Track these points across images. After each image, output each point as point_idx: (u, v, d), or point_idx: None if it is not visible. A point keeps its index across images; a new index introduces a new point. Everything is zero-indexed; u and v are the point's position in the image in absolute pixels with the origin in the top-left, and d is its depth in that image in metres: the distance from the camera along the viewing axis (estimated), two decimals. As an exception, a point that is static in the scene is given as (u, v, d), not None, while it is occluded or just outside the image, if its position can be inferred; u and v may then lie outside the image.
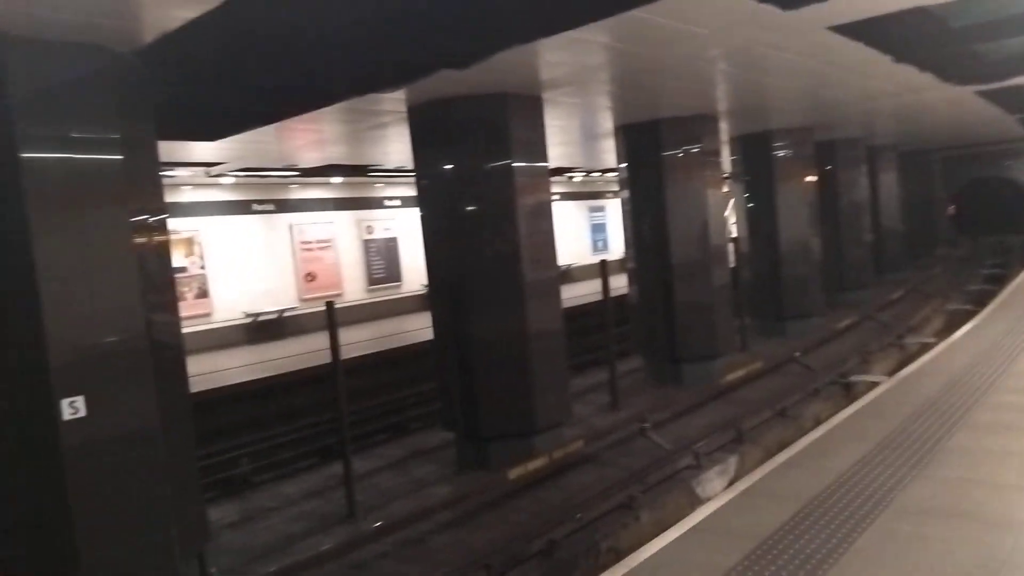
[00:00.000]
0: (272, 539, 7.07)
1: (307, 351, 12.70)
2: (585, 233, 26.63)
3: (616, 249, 23.33)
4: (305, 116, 8.58)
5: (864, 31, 7.24)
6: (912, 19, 6.96)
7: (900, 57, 8.82)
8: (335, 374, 7.37)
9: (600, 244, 26.90)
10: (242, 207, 15.89)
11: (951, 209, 34.09)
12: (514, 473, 7.27)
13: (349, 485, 7.41)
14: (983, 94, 13.09)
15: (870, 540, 3.91)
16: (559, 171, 21.15)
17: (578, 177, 23.96)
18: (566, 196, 25.29)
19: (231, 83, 6.63)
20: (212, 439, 10.27)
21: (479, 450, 8.38)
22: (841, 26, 6.94)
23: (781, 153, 14.97)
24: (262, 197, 16.25)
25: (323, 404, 10.97)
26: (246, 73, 6.46)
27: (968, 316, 12.34)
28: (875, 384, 8.73)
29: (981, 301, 15.05)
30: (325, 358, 7.56)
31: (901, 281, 20.19)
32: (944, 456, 5.06)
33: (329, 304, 7.26)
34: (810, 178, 15.47)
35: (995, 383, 6.84)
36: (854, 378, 11.12)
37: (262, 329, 15.51)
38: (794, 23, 6.43)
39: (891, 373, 9.83)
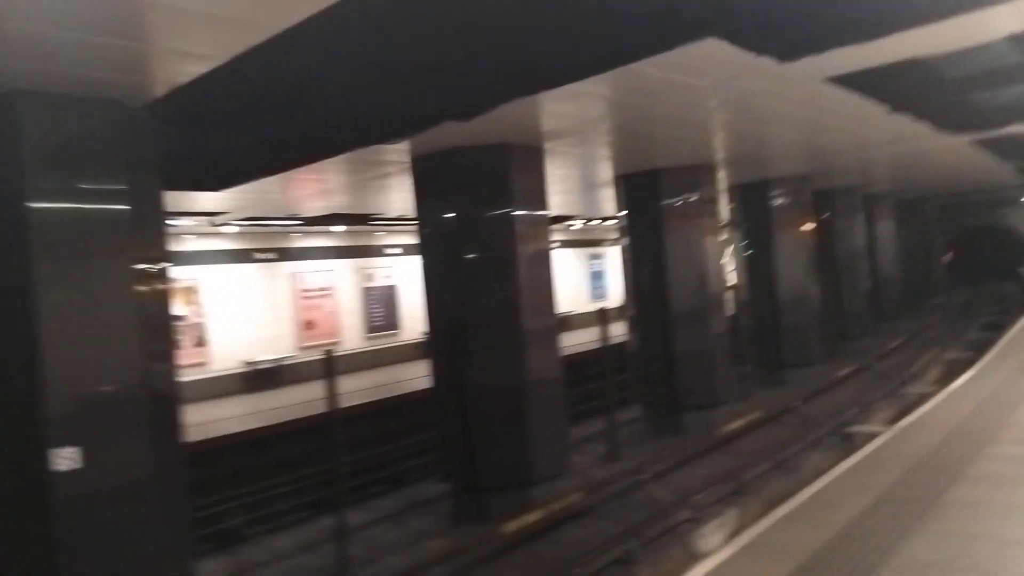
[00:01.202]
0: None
1: (303, 400, 12.61)
2: (584, 280, 26.71)
3: (614, 296, 23.36)
4: (310, 167, 8.73)
5: (860, 82, 7.40)
6: (908, 70, 7.12)
7: (896, 107, 9.00)
8: (330, 424, 7.31)
9: (598, 291, 26.95)
10: (243, 256, 15.97)
11: (948, 257, 34.27)
12: (510, 527, 7.15)
13: (342, 538, 7.28)
14: (979, 143, 13.31)
15: (874, 598, 3.84)
16: (559, 219, 21.33)
17: (577, 225, 24.14)
18: (565, 244, 25.45)
19: (238, 135, 6.76)
20: (204, 490, 10.14)
21: (476, 501, 8.26)
22: (838, 77, 7.09)
23: (778, 201, 15.14)
24: (264, 246, 16.35)
25: (319, 454, 10.84)
26: (253, 126, 6.59)
27: (967, 365, 12.29)
28: (874, 434, 8.65)
29: (980, 349, 15.00)
30: (321, 407, 7.50)
31: (900, 329, 20.17)
32: (945, 509, 5.00)
33: (327, 354, 7.25)
34: (808, 226, 15.61)
35: (996, 434, 6.78)
36: (854, 428, 11.03)
37: (260, 378, 15.43)
38: (791, 74, 6.58)
39: (891, 423, 9.76)
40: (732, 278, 15.99)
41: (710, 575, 4.38)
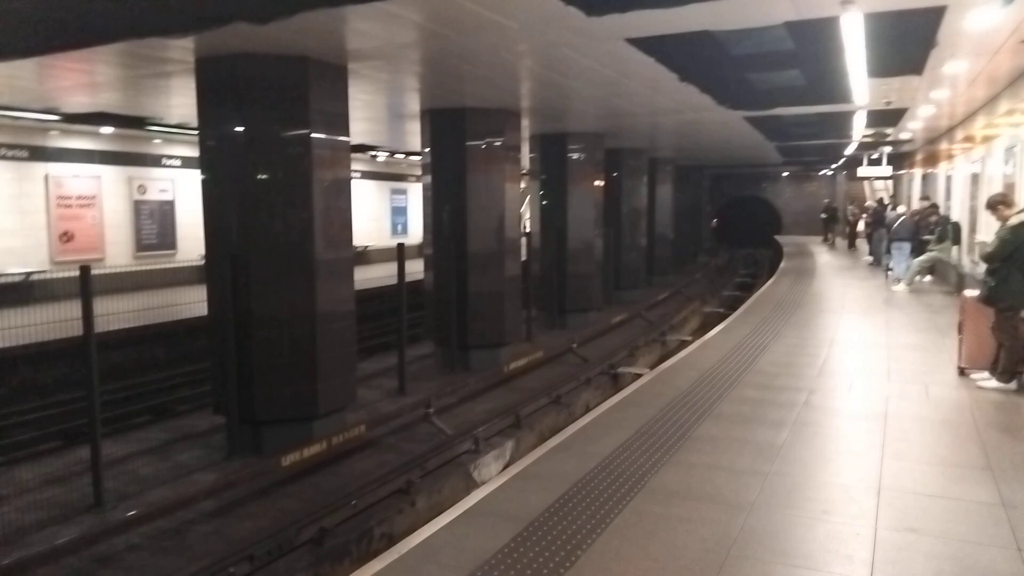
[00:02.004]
0: (-2, 531, 6.17)
1: (53, 320, 11.21)
2: (385, 215, 26.27)
3: (416, 233, 23.26)
4: (74, 54, 7.56)
5: (657, 47, 7.82)
6: (699, 41, 7.62)
7: (685, 76, 9.65)
8: (86, 346, 6.57)
9: (400, 227, 26.69)
10: (-15, 150, 13.72)
11: (714, 222, 38.20)
12: (288, 459, 6.95)
13: (97, 470, 6.65)
14: (750, 120, 14.75)
15: (624, 520, 4.21)
16: (362, 148, 20.63)
17: (381, 157, 23.55)
18: (368, 175, 24.76)
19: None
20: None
21: (253, 435, 7.92)
22: (637, 39, 7.43)
23: (575, 155, 15.82)
24: (11, 141, 14.12)
25: (75, 380, 9.78)
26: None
27: (721, 318, 13.85)
28: (638, 376, 9.50)
29: (732, 305, 16.99)
30: (77, 329, 6.70)
31: (667, 284, 22.20)
32: (692, 444, 5.61)
33: (84, 268, 6.45)
34: (598, 182, 16.50)
35: (739, 379, 7.72)
36: (621, 370, 12.05)
37: (4, 292, 13.47)
38: (595, 29, 6.76)
39: (653, 366, 10.77)
40: (527, 225, 16.56)
41: (483, 502, 4.56)
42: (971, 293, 7.88)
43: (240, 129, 7.79)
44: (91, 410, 6.73)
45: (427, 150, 12.15)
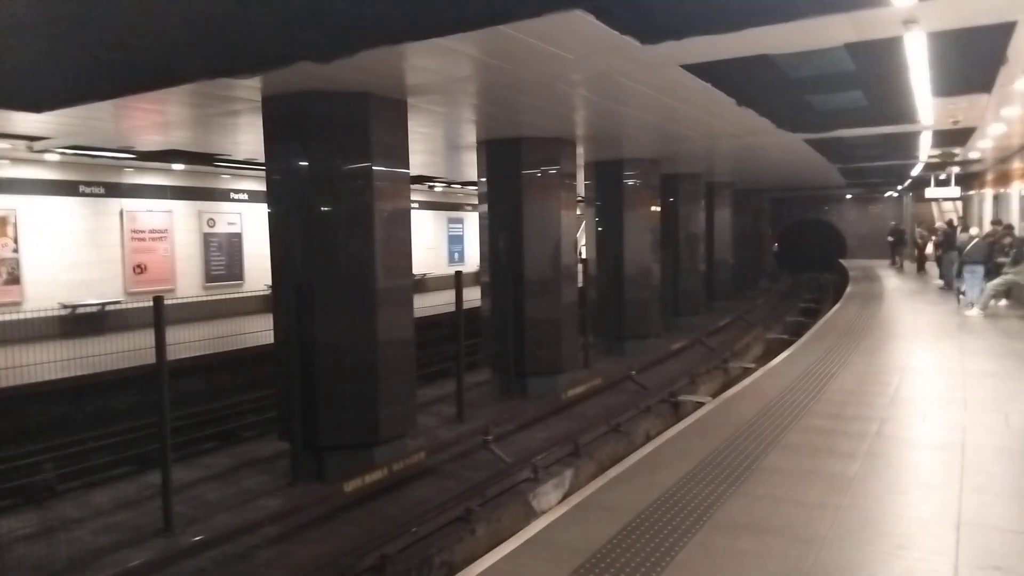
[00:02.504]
0: (75, 553, 6.39)
1: (127, 348, 11.67)
2: (443, 243, 26.65)
3: (472, 261, 23.47)
4: (148, 95, 7.96)
5: (713, 72, 7.78)
6: (756, 66, 7.56)
7: (743, 101, 9.56)
8: (159, 374, 6.81)
9: (457, 255, 27.01)
10: (67, 187, 14.47)
11: (775, 246, 37.42)
12: (350, 485, 7.04)
13: (167, 495, 6.86)
14: (810, 142, 14.49)
15: (690, 553, 4.11)
16: (420, 179, 21.03)
17: (439, 187, 23.95)
18: (425, 205, 25.19)
19: (67, 50, 6.02)
20: (14, 441, 9.22)
21: (316, 461, 8.06)
22: (693, 65, 7.41)
23: (631, 182, 15.78)
24: (90, 179, 14.88)
25: (146, 406, 10.13)
26: (85, 41, 5.89)
27: (785, 345, 13.50)
28: (700, 404, 9.32)
29: (797, 332, 16.54)
30: (150, 357, 6.97)
31: (728, 309, 21.77)
32: (759, 475, 5.45)
33: (157, 299, 6.72)
34: (655, 208, 16.41)
35: (806, 408, 7.49)
36: (682, 398, 11.83)
37: (80, 322, 14.13)
38: (651, 57, 6.78)
39: (715, 394, 10.54)
40: (584, 251, 16.54)
41: (544, 532, 4.52)
42: (1053, 317, 7.49)
43: (304, 163, 8.05)
44: (163, 436, 6.96)
45: (483, 179, 12.31)
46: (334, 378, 8.03)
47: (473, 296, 12.58)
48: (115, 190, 15.36)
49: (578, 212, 14.40)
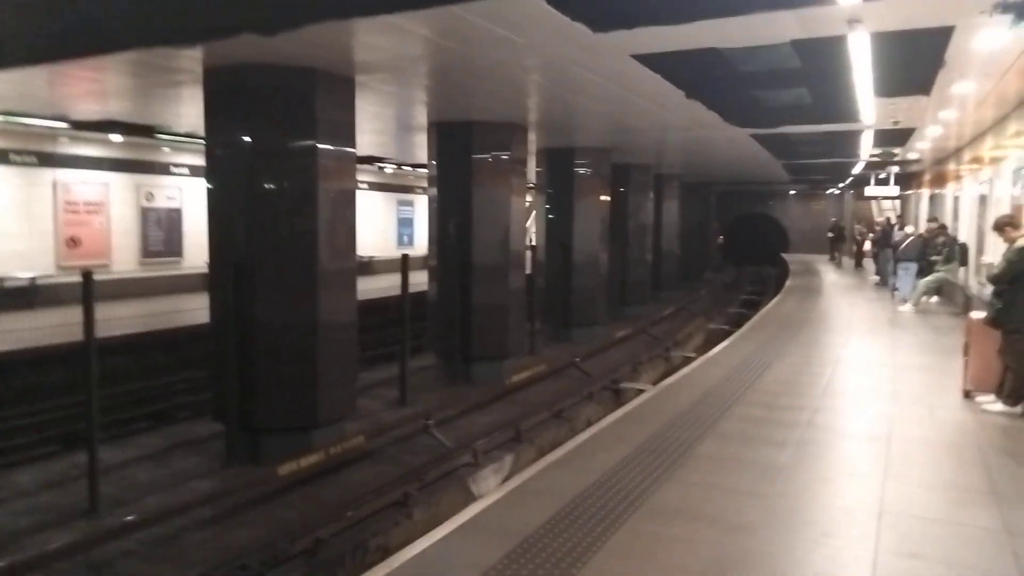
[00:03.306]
0: (-9, 535, 6.14)
1: (56, 324, 11.25)
2: (392, 226, 26.35)
3: (422, 244, 23.31)
4: (84, 62, 7.61)
5: (663, 64, 7.81)
6: (706, 59, 7.62)
7: (691, 93, 9.65)
8: (87, 351, 6.56)
9: (406, 238, 26.75)
10: (-5, 155, 13.83)
11: (721, 239, 38.15)
12: (285, 468, 6.92)
13: (93, 475, 6.63)
14: (756, 137, 14.74)
15: (621, 539, 4.16)
16: (370, 159, 20.71)
17: (389, 168, 23.64)
18: (375, 186, 24.86)
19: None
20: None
21: (251, 443, 7.89)
22: (643, 56, 7.43)
23: (582, 170, 15.82)
24: (23, 147, 14.22)
25: (78, 384, 9.78)
26: (16, 1, 5.59)
27: (726, 335, 13.78)
28: (641, 391, 9.44)
29: (738, 323, 16.90)
30: (81, 333, 6.70)
31: (673, 300, 22.13)
32: (693, 462, 5.55)
33: (86, 274, 6.46)
34: (605, 197, 16.50)
35: (742, 397, 7.65)
36: (624, 385, 11.98)
37: (9, 296, 13.55)
38: (602, 46, 6.77)
39: (656, 382, 10.70)
40: (532, 238, 16.56)
41: (479, 517, 4.51)
42: (977, 315, 7.80)
43: (246, 138, 7.82)
44: (90, 415, 6.72)
45: (433, 162, 12.18)
46: (272, 359, 7.86)
47: (422, 280, 12.47)
48: (48, 160, 14.73)
49: (528, 198, 14.38)
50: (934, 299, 15.69)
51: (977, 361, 7.53)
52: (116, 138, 15.14)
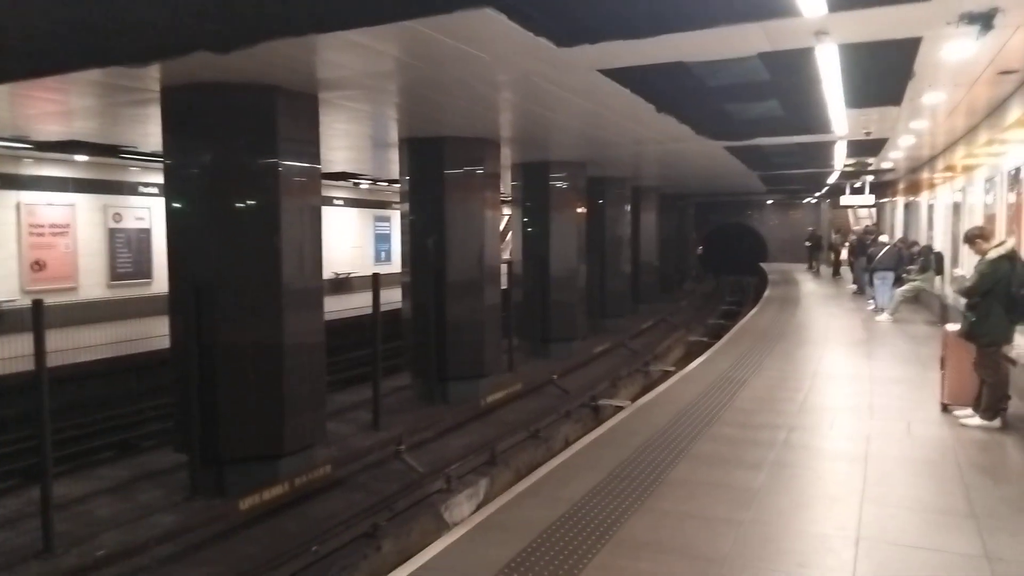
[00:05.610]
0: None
1: (19, 354, 10.89)
2: (369, 242, 26.07)
3: (399, 260, 23.10)
4: (45, 82, 7.39)
5: (630, 78, 7.70)
6: (674, 73, 7.52)
7: (662, 108, 9.55)
8: (38, 382, 6.30)
9: (384, 254, 26.49)
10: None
11: (699, 249, 38.25)
12: (246, 502, 6.66)
13: (47, 513, 6.34)
14: (730, 149, 14.70)
15: None
16: (345, 176, 20.49)
17: (365, 184, 23.41)
18: (351, 203, 24.61)
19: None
20: None
21: (216, 474, 7.62)
22: (610, 70, 7.31)
23: (557, 184, 15.71)
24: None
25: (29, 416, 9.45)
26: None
27: (705, 347, 13.68)
28: (620, 408, 9.28)
29: (717, 334, 16.82)
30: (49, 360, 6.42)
31: (653, 311, 22.04)
32: (665, 488, 5.38)
33: (36, 302, 6.20)
34: (581, 210, 16.39)
35: (718, 415, 7.51)
36: (602, 402, 11.82)
37: (-31, 322, 13.16)
38: (567, 61, 6.66)
39: (635, 398, 10.56)
40: (508, 253, 16.41)
41: (440, 557, 4.31)
42: (953, 327, 7.73)
43: (206, 158, 7.61)
44: (43, 449, 6.46)
45: (406, 178, 12.01)
46: (235, 385, 7.61)
47: (398, 297, 12.25)
48: (12, 182, 14.38)
49: (504, 213, 14.23)
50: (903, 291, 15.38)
51: (953, 374, 7.46)
52: (82, 158, 14.82)
